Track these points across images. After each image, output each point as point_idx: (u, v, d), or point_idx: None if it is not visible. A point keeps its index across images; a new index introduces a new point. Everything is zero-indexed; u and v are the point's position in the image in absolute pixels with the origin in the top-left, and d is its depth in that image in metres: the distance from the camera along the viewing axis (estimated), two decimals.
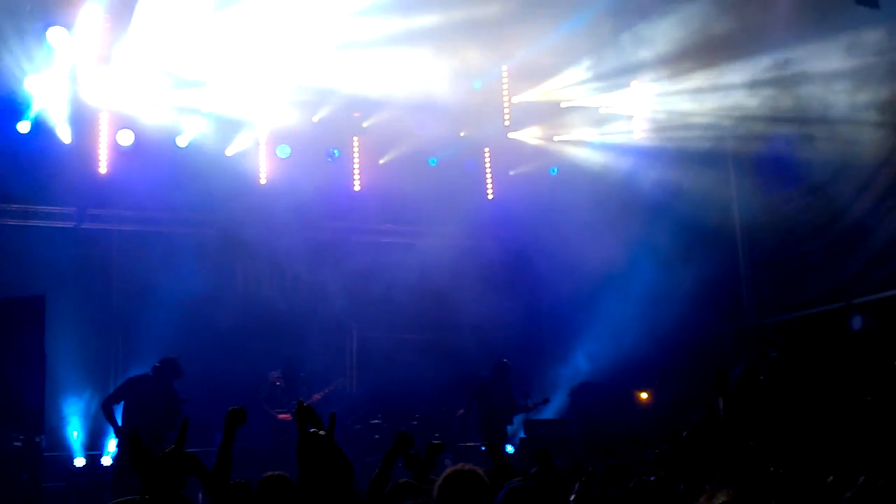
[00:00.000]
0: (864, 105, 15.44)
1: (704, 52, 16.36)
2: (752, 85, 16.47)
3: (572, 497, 7.57)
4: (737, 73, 16.49)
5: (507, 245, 20.13)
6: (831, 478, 6.43)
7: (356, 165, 19.00)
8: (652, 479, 7.43)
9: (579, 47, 17.10)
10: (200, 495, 10.55)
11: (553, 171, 20.02)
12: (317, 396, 15.69)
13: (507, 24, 15.86)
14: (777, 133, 16.58)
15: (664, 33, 16.42)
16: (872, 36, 15.02)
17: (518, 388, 16.82)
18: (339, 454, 5.17)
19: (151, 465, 5.59)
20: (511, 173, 20.06)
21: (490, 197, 19.96)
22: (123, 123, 16.74)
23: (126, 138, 16.73)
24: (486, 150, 19.94)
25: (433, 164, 19.27)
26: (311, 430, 4.95)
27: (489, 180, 19.99)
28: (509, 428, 16.92)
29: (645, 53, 17.06)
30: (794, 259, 17.16)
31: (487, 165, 20.02)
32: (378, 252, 19.19)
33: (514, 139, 19.34)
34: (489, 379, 16.62)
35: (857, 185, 15.90)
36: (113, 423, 13.23)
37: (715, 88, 16.89)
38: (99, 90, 16.23)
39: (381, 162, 19.02)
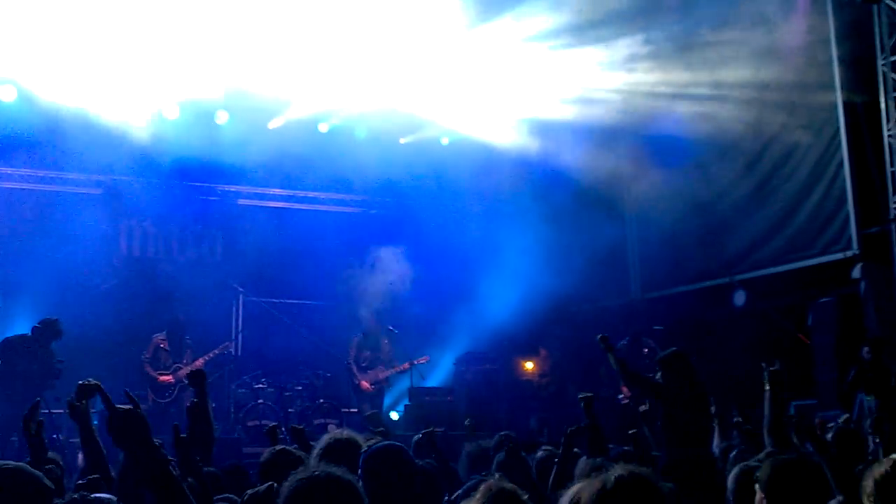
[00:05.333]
0: (753, 84, 15.72)
1: (600, 25, 16.41)
2: (645, 59, 16.61)
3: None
4: (631, 48, 16.61)
5: (395, 213, 20.05)
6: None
7: (245, 129, 18.59)
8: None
9: (477, 15, 16.98)
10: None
11: (443, 140, 19.91)
12: (201, 360, 15.52)
13: None
14: (668, 110, 16.76)
15: (562, 5, 16.39)
16: (766, 16, 15.28)
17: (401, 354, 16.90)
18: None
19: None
20: (402, 141, 19.88)
21: (380, 165, 19.74)
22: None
23: (9, 94, 16.23)
24: (378, 117, 19.68)
25: (323, 131, 19.01)
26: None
27: (379, 149, 19.74)
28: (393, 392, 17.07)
29: (542, 25, 17.03)
30: (681, 235, 17.40)
31: (378, 134, 19.77)
32: (265, 217, 19.01)
33: (405, 108, 19.12)
34: (359, 342, 16.72)
35: (743, 164, 16.20)
36: None
37: (609, 63, 16.98)
38: None
39: (270, 126, 18.63)
